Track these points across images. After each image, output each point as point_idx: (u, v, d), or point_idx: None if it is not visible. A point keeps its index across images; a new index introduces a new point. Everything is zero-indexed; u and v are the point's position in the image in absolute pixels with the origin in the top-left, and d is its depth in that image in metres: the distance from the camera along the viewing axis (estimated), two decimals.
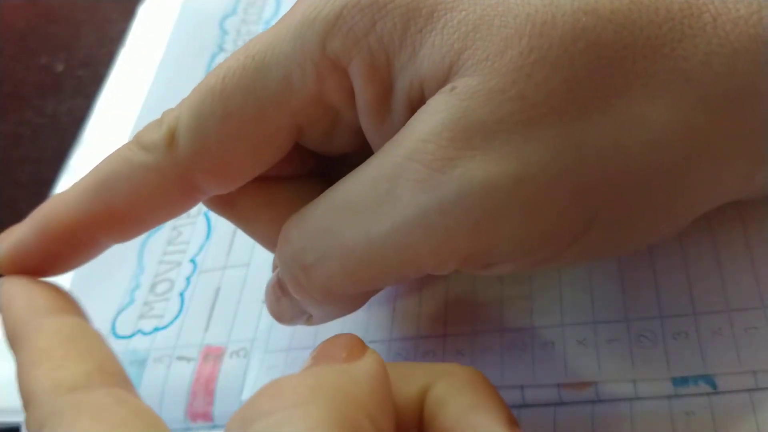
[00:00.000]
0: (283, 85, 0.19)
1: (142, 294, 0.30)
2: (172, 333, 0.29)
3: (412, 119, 0.18)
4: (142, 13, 0.45)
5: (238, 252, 0.30)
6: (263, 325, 0.27)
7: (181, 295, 0.30)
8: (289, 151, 0.20)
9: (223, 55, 0.39)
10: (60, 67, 0.46)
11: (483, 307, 0.25)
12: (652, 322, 0.22)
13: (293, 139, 0.20)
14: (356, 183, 0.18)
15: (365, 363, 0.17)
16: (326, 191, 0.19)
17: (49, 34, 0.49)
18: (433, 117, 0.17)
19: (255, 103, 0.19)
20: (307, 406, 0.15)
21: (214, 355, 0.27)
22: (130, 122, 0.38)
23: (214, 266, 0.30)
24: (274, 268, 0.22)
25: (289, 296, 0.21)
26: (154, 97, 0.38)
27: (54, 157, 0.40)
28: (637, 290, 0.23)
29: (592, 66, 0.16)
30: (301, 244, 0.19)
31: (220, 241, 0.31)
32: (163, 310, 0.29)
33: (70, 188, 0.21)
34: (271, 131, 0.19)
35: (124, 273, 0.32)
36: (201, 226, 0.32)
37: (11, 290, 0.20)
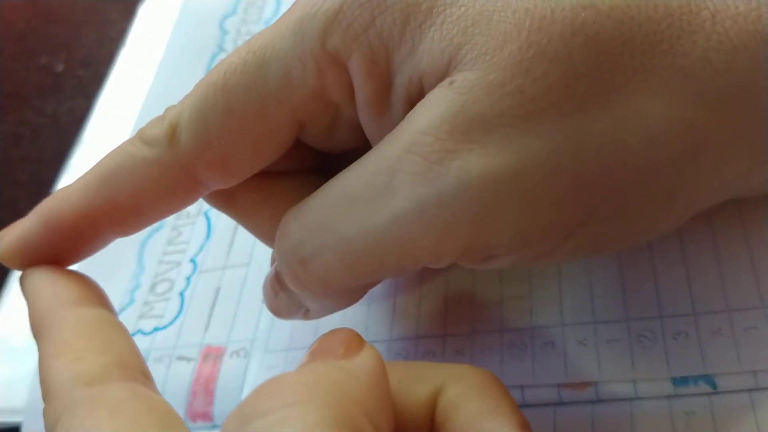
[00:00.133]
0: (284, 81, 0.19)
1: (142, 294, 0.30)
2: (172, 333, 0.29)
3: (411, 113, 0.18)
4: (142, 13, 0.45)
5: (238, 252, 0.30)
6: (263, 324, 0.27)
7: (181, 295, 0.30)
8: (290, 147, 0.20)
9: (223, 55, 0.38)
10: (60, 67, 0.46)
11: (483, 307, 0.25)
12: (652, 322, 0.22)
13: (294, 135, 0.20)
14: (355, 176, 0.18)
15: (363, 359, 0.17)
16: (325, 184, 0.19)
17: (49, 34, 0.49)
18: (432, 110, 0.17)
19: (256, 98, 0.19)
20: (305, 404, 0.15)
21: (214, 355, 0.27)
22: (130, 122, 0.38)
23: (214, 266, 0.30)
24: (273, 262, 0.22)
25: (287, 290, 0.21)
26: (154, 97, 0.38)
27: (54, 157, 0.40)
28: (637, 290, 0.23)
29: (591, 61, 0.16)
30: (299, 237, 0.19)
31: (220, 240, 0.31)
32: (163, 310, 0.29)
33: (74, 182, 0.21)
34: (272, 127, 0.19)
35: (124, 273, 0.31)
36: (201, 226, 0.32)
37: (36, 281, 0.20)
